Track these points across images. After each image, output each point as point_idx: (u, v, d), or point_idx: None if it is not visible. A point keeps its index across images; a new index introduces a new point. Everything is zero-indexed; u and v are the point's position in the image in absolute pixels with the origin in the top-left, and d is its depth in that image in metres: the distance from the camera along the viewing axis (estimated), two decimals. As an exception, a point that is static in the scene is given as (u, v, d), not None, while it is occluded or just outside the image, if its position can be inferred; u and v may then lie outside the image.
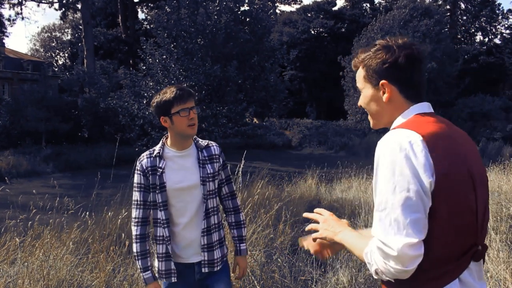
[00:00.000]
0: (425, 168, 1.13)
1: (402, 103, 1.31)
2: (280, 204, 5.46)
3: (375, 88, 1.32)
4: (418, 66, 1.29)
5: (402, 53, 1.27)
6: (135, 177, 2.20)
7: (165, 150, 2.20)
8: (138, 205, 2.18)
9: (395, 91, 1.30)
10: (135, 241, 2.19)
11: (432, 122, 1.25)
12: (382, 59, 1.29)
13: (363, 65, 1.35)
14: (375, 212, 1.19)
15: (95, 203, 5.19)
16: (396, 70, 1.27)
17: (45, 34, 50.71)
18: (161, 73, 18.41)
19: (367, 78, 1.34)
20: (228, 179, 2.32)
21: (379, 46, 1.31)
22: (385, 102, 1.31)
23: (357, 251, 1.28)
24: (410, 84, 1.30)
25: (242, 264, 2.34)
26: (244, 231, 2.37)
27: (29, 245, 3.92)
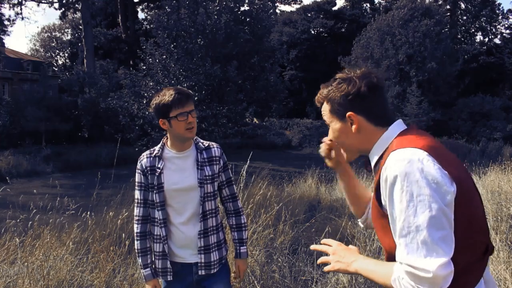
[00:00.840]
0: (444, 180, 1.12)
1: (373, 131, 1.32)
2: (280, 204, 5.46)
3: (342, 121, 1.35)
4: (380, 92, 1.32)
5: (362, 83, 1.29)
6: (136, 176, 2.23)
7: (164, 150, 2.20)
8: (138, 203, 2.22)
9: (363, 121, 1.32)
10: (136, 239, 2.23)
11: (419, 136, 1.25)
12: (345, 92, 1.31)
13: (327, 100, 1.38)
14: (397, 238, 1.17)
15: (95, 203, 5.19)
16: (359, 100, 1.30)
17: (45, 34, 50.68)
18: (161, 73, 18.41)
19: (333, 112, 1.36)
20: (229, 181, 2.30)
21: (340, 80, 1.34)
22: (354, 133, 1.33)
23: (380, 279, 1.25)
24: (376, 111, 1.32)
25: (242, 267, 2.33)
26: (245, 234, 2.35)
27: (29, 245, 3.92)
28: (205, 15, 18.75)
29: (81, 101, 24.36)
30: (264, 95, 21.70)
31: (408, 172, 1.13)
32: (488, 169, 9.47)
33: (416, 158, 1.14)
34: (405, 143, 1.22)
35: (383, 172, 1.20)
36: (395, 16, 30.63)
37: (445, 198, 1.11)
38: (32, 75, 33.46)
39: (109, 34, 41.63)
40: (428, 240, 1.10)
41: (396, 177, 1.15)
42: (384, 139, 1.31)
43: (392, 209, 1.17)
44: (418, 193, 1.11)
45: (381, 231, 1.31)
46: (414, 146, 1.18)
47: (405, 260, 1.13)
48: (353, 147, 1.38)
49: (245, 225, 2.35)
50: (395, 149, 1.22)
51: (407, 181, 1.13)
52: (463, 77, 33.90)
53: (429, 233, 1.10)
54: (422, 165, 1.13)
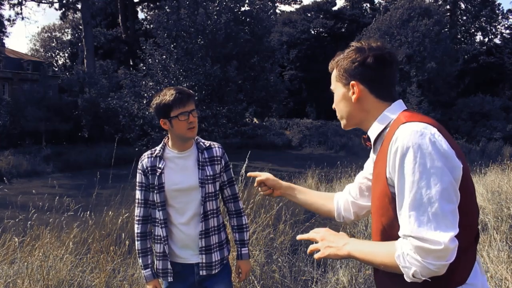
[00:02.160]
0: (453, 155, 1.14)
1: (374, 103, 1.31)
2: (280, 204, 5.46)
3: (345, 87, 1.34)
4: (388, 67, 1.30)
5: (371, 54, 1.28)
6: (137, 176, 2.22)
7: (165, 150, 2.20)
8: (139, 203, 2.22)
9: (365, 91, 1.30)
10: (137, 239, 2.23)
11: (424, 115, 1.26)
12: (351, 59, 1.31)
13: (336, 66, 1.37)
14: (407, 210, 1.13)
15: (95, 203, 5.19)
16: (364, 69, 1.29)
17: (45, 34, 50.69)
18: (161, 73, 18.41)
19: (338, 77, 1.36)
20: (231, 181, 2.29)
21: (353, 48, 1.33)
22: (354, 101, 1.32)
23: (378, 258, 1.20)
24: (380, 84, 1.30)
25: (244, 268, 2.31)
26: (246, 235, 2.32)
27: (29, 245, 3.92)
28: (205, 15, 18.75)
29: (81, 101, 24.36)
30: (264, 95, 21.71)
31: (421, 144, 1.12)
32: (488, 169, 9.47)
33: (428, 131, 1.14)
34: (414, 117, 1.21)
35: (392, 144, 1.17)
36: (393, 16, 30.65)
37: (454, 172, 1.12)
38: (32, 75, 33.46)
39: (109, 34, 41.63)
40: (439, 213, 1.09)
41: (409, 148, 1.13)
42: (387, 114, 1.29)
43: (402, 181, 1.14)
44: (432, 165, 1.10)
45: (380, 210, 1.25)
46: (425, 121, 1.18)
47: (415, 233, 1.10)
48: (351, 117, 1.37)
49: (246, 226, 2.33)
50: (404, 122, 1.20)
51: (421, 153, 1.11)
52: (463, 77, 33.91)
53: (441, 206, 1.09)
54: (434, 139, 1.13)
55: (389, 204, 1.21)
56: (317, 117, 40.81)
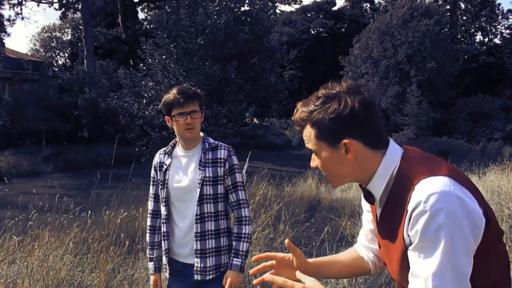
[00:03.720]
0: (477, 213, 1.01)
1: (370, 156, 1.11)
2: (280, 204, 5.46)
3: (332, 147, 1.11)
4: (374, 110, 1.11)
5: (355, 101, 1.07)
6: (151, 171, 2.31)
7: (175, 148, 2.25)
8: (151, 197, 2.31)
9: (359, 146, 1.10)
10: (147, 231, 2.32)
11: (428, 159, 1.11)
12: (335, 113, 1.07)
13: (311, 123, 1.13)
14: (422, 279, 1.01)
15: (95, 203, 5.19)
16: (355, 122, 1.07)
17: (45, 34, 50.67)
18: (161, 73, 18.41)
19: (322, 137, 1.12)
20: (235, 186, 2.19)
21: (325, 98, 1.11)
22: (350, 161, 1.11)
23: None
24: (372, 133, 1.11)
25: (231, 279, 2.12)
26: (243, 246, 2.16)
27: (29, 245, 3.92)
28: (205, 15, 18.75)
29: (81, 101, 24.36)
30: (264, 95, 21.70)
31: (451, 209, 0.98)
32: (488, 169, 9.47)
33: (451, 190, 1.00)
34: (424, 169, 1.06)
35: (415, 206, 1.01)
36: (393, 16, 30.65)
37: (475, 235, 1.00)
38: (32, 75, 33.45)
39: (109, 34, 41.63)
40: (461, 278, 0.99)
41: (439, 212, 0.98)
42: (387, 165, 1.12)
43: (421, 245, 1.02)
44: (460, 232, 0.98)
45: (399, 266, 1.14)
46: (441, 174, 1.03)
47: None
48: (344, 177, 1.17)
49: (245, 236, 2.18)
50: (420, 179, 1.04)
51: (451, 220, 0.98)
52: (463, 77, 33.90)
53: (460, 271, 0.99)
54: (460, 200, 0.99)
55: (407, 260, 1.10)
56: (317, 117, 40.67)
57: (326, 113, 1.09)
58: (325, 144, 1.13)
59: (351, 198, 7.60)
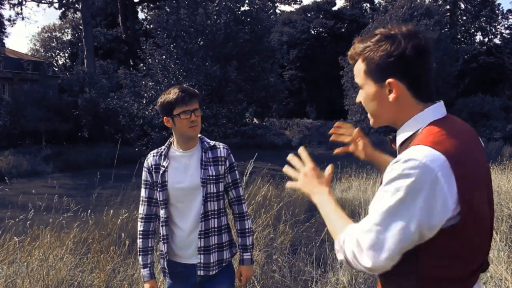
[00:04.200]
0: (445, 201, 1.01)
1: (411, 103, 1.13)
2: (281, 204, 5.46)
3: (379, 85, 1.14)
4: (427, 58, 1.11)
5: (409, 44, 1.08)
6: (143, 174, 2.24)
7: (170, 149, 2.21)
8: (143, 201, 2.23)
9: (403, 90, 1.11)
10: (139, 237, 2.24)
11: (451, 132, 1.09)
12: (386, 52, 1.09)
13: (363, 58, 1.15)
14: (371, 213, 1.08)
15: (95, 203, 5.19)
16: (403, 64, 1.09)
17: (45, 34, 50.67)
18: (160, 73, 18.42)
19: (369, 73, 1.15)
20: (235, 183, 2.27)
21: (381, 36, 1.12)
22: (391, 101, 1.13)
23: (330, 226, 1.21)
24: (420, 81, 1.12)
25: (245, 273, 2.28)
26: (249, 240, 2.28)
27: (29, 245, 3.92)
28: (205, 15, 18.75)
29: (81, 101, 24.36)
30: (264, 95, 21.71)
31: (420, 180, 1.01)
32: (488, 169, 9.44)
33: (433, 165, 1.01)
34: (431, 137, 1.07)
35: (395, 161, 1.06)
36: (393, 16, 30.66)
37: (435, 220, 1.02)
38: (32, 75, 33.46)
39: (109, 34, 41.63)
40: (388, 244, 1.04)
41: (404, 176, 1.02)
42: (417, 120, 1.13)
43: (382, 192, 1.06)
44: (412, 202, 1.01)
45: None
46: (439, 150, 1.03)
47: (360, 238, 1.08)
48: (383, 117, 1.19)
49: (249, 230, 2.30)
50: (418, 144, 1.06)
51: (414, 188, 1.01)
52: (463, 77, 33.90)
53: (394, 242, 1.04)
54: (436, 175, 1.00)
55: None
56: (317, 117, 40.80)
57: (378, 50, 1.11)
58: (372, 81, 1.15)
59: (351, 198, 7.59)
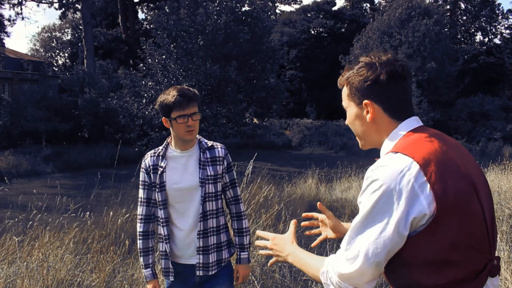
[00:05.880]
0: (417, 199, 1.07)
1: (388, 123, 1.24)
2: (281, 204, 5.46)
3: (359, 106, 1.27)
4: (402, 83, 1.23)
5: (383, 70, 1.21)
6: (140, 174, 2.23)
7: (168, 150, 2.20)
8: (141, 202, 2.22)
9: (379, 111, 1.24)
10: (139, 238, 2.23)
11: (423, 139, 1.17)
12: (364, 77, 1.24)
13: (346, 83, 1.30)
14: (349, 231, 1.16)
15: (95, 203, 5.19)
16: (378, 88, 1.22)
17: (45, 34, 50.67)
18: (160, 73, 18.41)
19: (350, 96, 1.29)
20: (233, 183, 2.28)
21: (362, 64, 1.26)
22: (369, 121, 1.26)
23: (311, 270, 1.29)
24: (394, 102, 1.23)
25: (242, 272, 2.29)
26: (246, 239, 2.30)
27: (29, 245, 3.92)
28: (205, 15, 18.74)
29: (81, 101, 24.35)
30: (264, 96, 21.70)
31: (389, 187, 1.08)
32: (488, 169, 9.47)
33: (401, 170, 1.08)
34: (406, 146, 1.15)
35: (368, 172, 1.15)
36: (391, 16, 30.66)
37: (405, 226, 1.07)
38: (32, 75, 33.46)
39: (109, 34, 41.62)
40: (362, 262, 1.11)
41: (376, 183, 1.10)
42: (394, 135, 1.23)
43: (359, 204, 1.15)
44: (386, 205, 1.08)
45: None
46: (409, 156, 1.11)
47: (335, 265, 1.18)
48: (367, 137, 1.31)
49: (246, 229, 2.31)
50: (389, 152, 1.16)
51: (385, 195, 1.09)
52: (462, 77, 33.90)
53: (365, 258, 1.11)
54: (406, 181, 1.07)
55: None
56: (317, 117, 40.80)
57: (358, 75, 1.26)
58: (353, 103, 1.30)
59: (351, 198, 7.60)
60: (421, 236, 1.08)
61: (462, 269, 1.11)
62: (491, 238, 1.17)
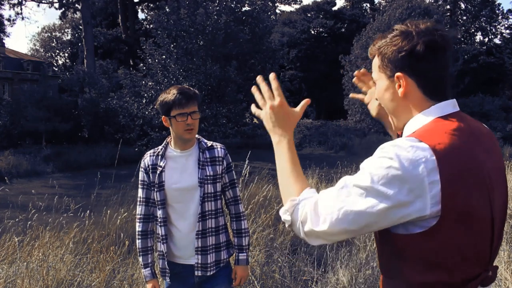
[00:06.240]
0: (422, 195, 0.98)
1: (421, 100, 1.12)
2: (281, 204, 5.45)
3: (390, 79, 1.15)
4: (440, 55, 1.09)
5: (421, 40, 1.07)
6: (139, 174, 2.23)
7: (167, 149, 2.21)
8: (140, 202, 2.22)
9: (412, 85, 1.11)
10: (137, 237, 2.23)
11: (451, 132, 1.04)
12: (398, 47, 1.10)
13: (378, 53, 1.17)
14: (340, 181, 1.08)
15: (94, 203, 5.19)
16: (413, 60, 1.08)
17: (45, 34, 50.69)
18: (161, 73, 18.41)
19: (382, 67, 1.16)
20: (232, 183, 2.28)
21: (397, 32, 1.13)
22: (401, 96, 1.13)
23: (282, 180, 1.20)
24: (430, 78, 1.10)
25: (240, 274, 2.27)
26: (245, 240, 2.28)
27: (29, 245, 3.92)
28: (205, 15, 18.74)
29: (81, 101, 24.36)
30: (264, 96, 21.67)
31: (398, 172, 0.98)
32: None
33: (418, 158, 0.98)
34: (424, 132, 1.05)
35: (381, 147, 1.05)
36: (391, 16, 30.67)
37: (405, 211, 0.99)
38: (32, 75, 33.47)
39: (109, 34, 41.62)
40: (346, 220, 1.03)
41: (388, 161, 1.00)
42: (421, 116, 1.11)
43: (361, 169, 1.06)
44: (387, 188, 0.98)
45: None
46: (427, 143, 1.00)
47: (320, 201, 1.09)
48: (398, 113, 1.17)
49: (245, 230, 2.30)
50: (414, 135, 1.04)
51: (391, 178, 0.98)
52: (463, 77, 33.91)
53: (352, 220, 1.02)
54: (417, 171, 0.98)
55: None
56: (317, 117, 40.78)
57: (391, 45, 1.13)
58: (384, 75, 1.17)
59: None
60: (420, 235, 1.02)
61: (453, 275, 1.05)
62: (494, 250, 1.09)
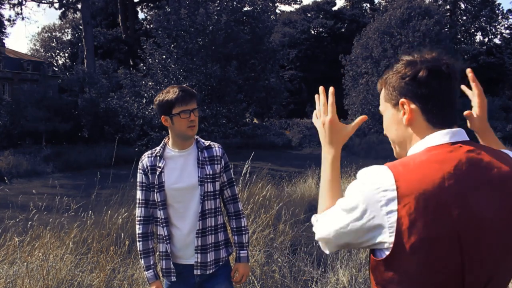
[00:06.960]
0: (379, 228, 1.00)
1: (425, 128, 1.09)
2: (280, 204, 5.46)
3: (395, 108, 1.13)
4: (445, 83, 1.07)
5: (423, 66, 1.08)
6: (138, 176, 2.23)
7: (166, 150, 2.21)
8: (140, 203, 2.21)
9: (417, 112, 1.09)
10: (138, 240, 2.22)
11: (432, 163, 1.01)
12: (401, 74, 1.11)
13: (384, 84, 1.17)
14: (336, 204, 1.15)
15: (94, 203, 5.19)
16: (416, 85, 1.08)
17: (45, 34, 50.68)
18: (161, 73, 18.41)
19: (387, 97, 1.15)
20: (231, 182, 2.29)
21: (403, 62, 1.14)
22: (405, 125, 1.11)
23: (321, 194, 1.30)
24: (434, 104, 1.07)
25: (242, 271, 2.29)
26: (245, 238, 2.31)
27: (29, 245, 3.92)
28: (205, 15, 18.74)
29: (81, 101, 24.35)
30: (264, 96, 21.71)
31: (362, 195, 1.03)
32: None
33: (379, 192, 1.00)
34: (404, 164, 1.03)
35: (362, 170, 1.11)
36: (392, 16, 30.67)
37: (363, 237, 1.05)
38: (32, 75, 33.48)
39: (109, 34, 41.62)
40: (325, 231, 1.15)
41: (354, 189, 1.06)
42: (417, 146, 1.09)
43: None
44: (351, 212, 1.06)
45: None
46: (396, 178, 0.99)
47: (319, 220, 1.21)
48: (403, 143, 1.15)
49: (245, 228, 2.32)
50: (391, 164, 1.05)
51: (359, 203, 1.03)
52: (463, 77, 33.89)
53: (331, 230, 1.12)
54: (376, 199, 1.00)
55: None
56: (317, 117, 40.66)
57: (396, 74, 1.13)
58: (390, 105, 1.16)
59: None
60: (382, 262, 1.03)
61: None
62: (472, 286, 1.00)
